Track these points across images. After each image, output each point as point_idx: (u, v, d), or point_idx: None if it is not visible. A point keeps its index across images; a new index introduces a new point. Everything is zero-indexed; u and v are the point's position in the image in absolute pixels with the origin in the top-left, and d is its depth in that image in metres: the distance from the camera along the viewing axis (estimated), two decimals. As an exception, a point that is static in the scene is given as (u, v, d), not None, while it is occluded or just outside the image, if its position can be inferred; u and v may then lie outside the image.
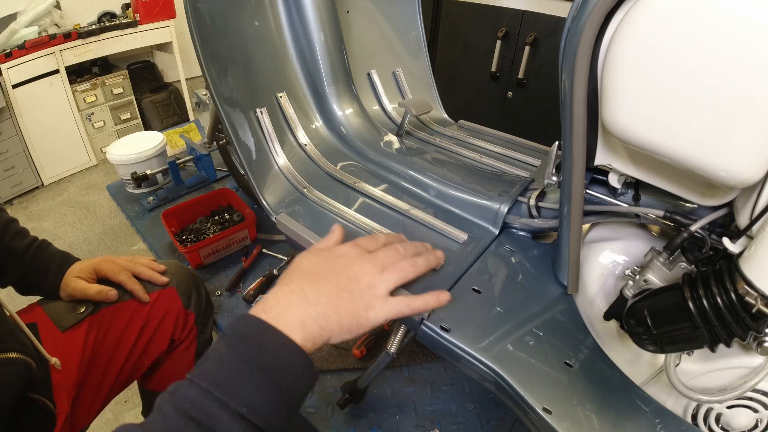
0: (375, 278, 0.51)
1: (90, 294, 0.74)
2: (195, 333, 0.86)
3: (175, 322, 0.81)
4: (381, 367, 0.85)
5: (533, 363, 0.62)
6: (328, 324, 0.46)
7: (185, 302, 0.83)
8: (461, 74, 2.12)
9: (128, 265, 0.80)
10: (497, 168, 1.02)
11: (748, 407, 0.61)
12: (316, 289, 0.47)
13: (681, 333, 0.54)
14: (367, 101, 1.18)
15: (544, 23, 1.72)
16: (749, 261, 0.46)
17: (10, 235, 0.75)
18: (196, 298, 0.86)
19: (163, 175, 1.62)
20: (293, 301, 0.45)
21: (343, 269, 0.51)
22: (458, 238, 0.82)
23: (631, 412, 0.57)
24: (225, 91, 0.88)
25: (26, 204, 2.46)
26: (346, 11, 1.14)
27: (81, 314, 0.73)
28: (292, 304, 0.45)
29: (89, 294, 0.74)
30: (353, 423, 0.91)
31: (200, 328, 0.88)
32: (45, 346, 0.67)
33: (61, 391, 0.67)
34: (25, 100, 2.35)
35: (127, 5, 2.80)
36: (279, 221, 0.87)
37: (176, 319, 0.82)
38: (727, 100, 0.42)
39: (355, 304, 0.48)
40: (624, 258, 0.72)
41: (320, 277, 0.49)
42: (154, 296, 0.80)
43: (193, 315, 0.85)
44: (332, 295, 0.47)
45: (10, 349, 0.58)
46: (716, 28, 0.40)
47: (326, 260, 0.52)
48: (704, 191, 0.57)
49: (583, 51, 0.50)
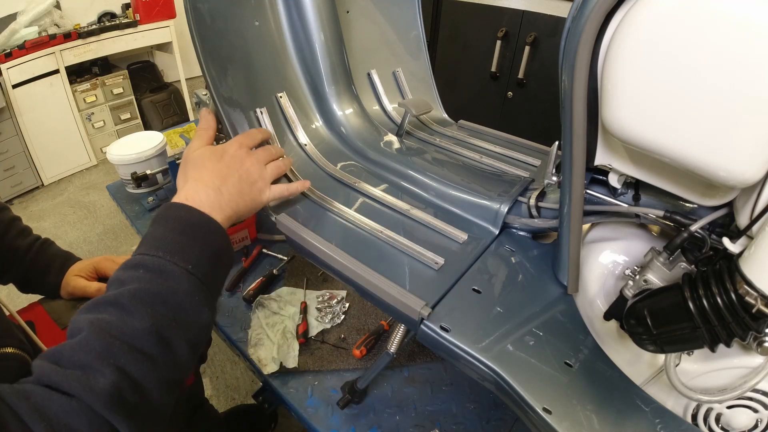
0: (262, 172, 0.68)
1: (90, 292, 0.75)
2: None
3: None
4: (381, 367, 0.85)
5: (533, 363, 0.62)
6: (237, 206, 0.61)
7: None
8: (461, 74, 2.12)
9: None
10: (497, 168, 1.02)
11: (748, 407, 0.61)
12: (222, 181, 0.61)
13: (681, 333, 0.54)
14: (367, 101, 1.18)
15: (544, 23, 1.72)
16: (749, 261, 0.46)
17: (13, 233, 0.75)
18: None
19: (163, 175, 1.62)
20: (210, 192, 0.58)
21: (238, 165, 0.65)
22: (458, 238, 0.82)
23: (631, 412, 0.57)
24: (225, 91, 0.88)
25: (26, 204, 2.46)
26: (346, 11, 1.14)
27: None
28: (209, 195, 0.58)
29: (89, 292, 0.75)
30: (353, 423, 0.91)
31: None
32: (46, 344, 0.67)
33: None
34: (25, 100, 2.35)
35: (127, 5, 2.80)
36: (279, 221, 0.87)
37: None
38: (727, 100, 0.42)
39: (252, 188, 0.65)
40: (624, 258, 0.72)
41: (223, 171, 0.62)
42: None
43: None
44: (236, 184, 0.62)
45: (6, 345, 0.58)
46: (716, 28, 0.40)
47: (222, 158, 0.64)
48: (704, 191, 0.57)
49: (583, 51, 0.50)
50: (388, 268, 0.75)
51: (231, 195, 0.60)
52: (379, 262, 0.77)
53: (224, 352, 1.51)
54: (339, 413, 0.92)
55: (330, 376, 0.99)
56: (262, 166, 0.69)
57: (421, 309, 0.68)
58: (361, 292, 0.79)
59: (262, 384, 1.03)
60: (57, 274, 0.76)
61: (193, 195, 0.56)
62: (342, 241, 0.81)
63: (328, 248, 0.79)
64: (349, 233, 0.84)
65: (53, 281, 0.76)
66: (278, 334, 1.05)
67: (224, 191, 0.60)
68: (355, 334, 1.08)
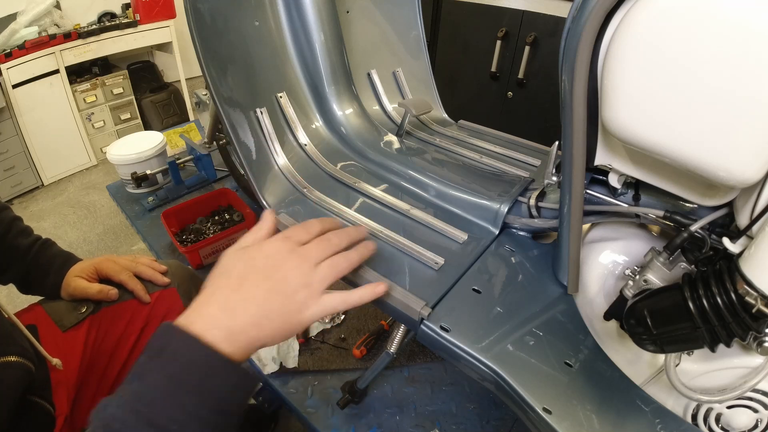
0: (308, 277, 0.48)
1: (90, 293, 0.74)
2: None
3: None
4: (381, 367, 0.85)
5: (533, 363, 0.62)
6: (261, 332, 0.44)
7: (186, 303, 0.83)
8: (461, 74, 2.12)
9: (129, 265, 0.80)
10: (497, 168, 1.02)
11: (748, 407, 0.61)
12: (242, 297, 0.45)
13: (681, 333, 0.54)
14: (367, 101, 1.18)
15: (544, 23, 1.72)
16: (749, 261, 0.46)
17: (13, 233, 0.75)
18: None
19: (163, 175, 1.62)
20: (217, 312, 0.43)
21: (272, 270, 0.47)
22: (458, 238, 0.82)
23: (631, 412, 0.57)
24: (225, 91, 0.88)
25: (26, 204, 2.46)
26: (346, 11, 1.14)
27: (82, 314, 0.73)
28: (217, 316, 0.43)
29: (90, 293, 0.74)
30: (353, 423, 0.91)
31: None
32: (45, 346, 0.67)
33: (61, 392, 0.67)
34: (25, 100, 2.35)
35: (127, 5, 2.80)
36: (279, 221, 0.87)
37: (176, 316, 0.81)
38: (727, 100, 0.42)
39: (288, 307, 0.46)
40: (624, 258, 0.72)
41: (247, 283, 0.46)
42: (155, 296, 0.80)
43: None
44: (261, 301, 0.45)
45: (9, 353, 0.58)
46: (716, 28, 0.40)
47: (253, 261, 0.48)
48: (704, 191, 0.57)
49: (583, 51, 0.50)
50: (388, 268, 0.75)
51: (252, 316, 0.44)
52: (378, 261, 0.76)
53: (224, 352, 1.51)
54: (339, 413, 0.92)
55: (330, 376, 0.99)
56: (312, 267, 0.49)
57: (421, 309, 0.68)
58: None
59: (262, 384, 1.03)
60: (57, 275, 0.75)
61: (196, 317, 0.43)
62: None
63: (328, 248, 0.79)
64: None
65: (53, 282, 0.75)
66: (278, 334, 1.05)
67: (241, 311, 0.44)
68: (355, 334, 1.08)
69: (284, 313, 0.46)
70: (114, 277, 0.78)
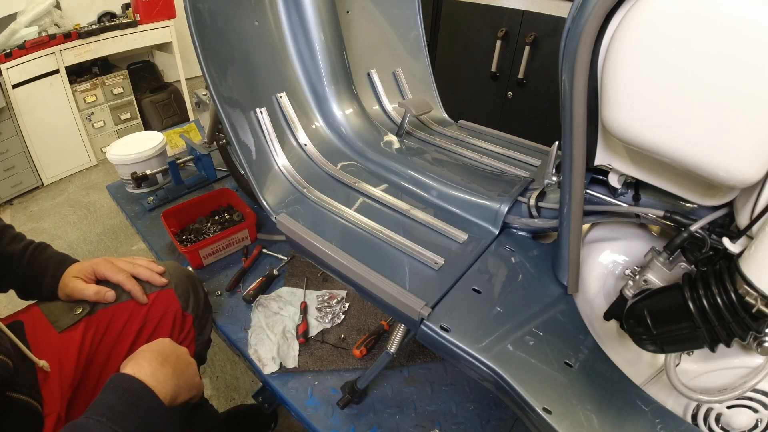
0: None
1: (87, 294, 0.74)
2: (193, 335, 0.86)
3: (173, 323, 0.81)
4: (381, 367, 0.85)
5: (533, 363, 0.62)
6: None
7: (183, 304, 0.83)
8: (461, 74, 2.12)
9: (127, 266, 0.80)
10: (497, 168, 1.02)
11: (748, 407, 0.61)
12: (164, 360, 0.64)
13: (681, 333, 0.54)
14: (367, 101, 1.18)
15: (544, 23, 1.72)
16: (749, 261, 0.46)
17: (6, 240, 0.75)
18: (194, 300, 0.86)
19: (163, 175, 1.62)
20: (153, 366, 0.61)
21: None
22: (458, 238, 0.82)
23: (631, 412, 0.57)
24: (225, 91, 0.88)
25: (26, 204, 2.46)
26: (346, 11, 1.14)
27: (78, 315, 0.73)
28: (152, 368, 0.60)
29: (86, 294, 0.74)
30: (353, 423, 0.91)
31: (198, 330, 0.87)
32: (40, 346, 0.66)
33: (53, 392, 0.66)
34: (25, 100, 2.35)
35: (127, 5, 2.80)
36: (279, 221, 0.87)
37: (174, 320, 0.81)
38: (726, 100, 0.42)
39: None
40: (624, 258, 0.72)
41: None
42: (152, 297, 0.80)
43: (191, 317, 0.85)
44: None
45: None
46: (716, 28, 0.40)
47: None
48: (704, 191, 0.57)
49: (583, 51, 0.50)
50: (388, 268, 0.75)
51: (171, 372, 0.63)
52: (379, 262, 0.76)
53: (224, 352, 1.51)
54: (339, 413, 0.92)
55: (330, 376, 0.99)
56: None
57: (421, 309, 0.68)
58: (361, 292, 0.79)
59: (262, 384, 1.03)
60: (53, 277, 0.75)
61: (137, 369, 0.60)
62: (342, 241, 0.81)
63: (328, 248, 0.79)
64: (349, 233, 0.84)
65: (49, 285, 0.75)
66: (278, 334, 1.05)
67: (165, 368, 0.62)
68: (355, 334, 1.08)
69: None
70: (111, 278, 0.78)
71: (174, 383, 0.62)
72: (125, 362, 0.62)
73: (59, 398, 0.66)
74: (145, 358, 0.62)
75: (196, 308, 0.87)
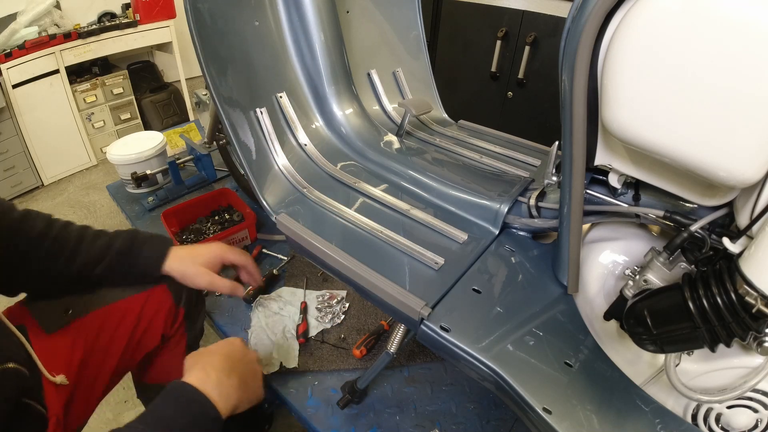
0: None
1: (224, 290, 0.75)
2: (184, 328, 0.86)
3: (165, 318, 0.81)
4: (381, 367, 0.85)
5: (533, 363, 0.62)
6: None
7: (176, 298, 0.83)
8: (461, 74, 2.12)
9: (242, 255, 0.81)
10: (497, 168, 1.02)
11: (748, 407, 0.61)
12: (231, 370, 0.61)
13: (681, 333, 0.54)
14: (367, 101, 1.18)
15: (544, 23, 1.72)
16: (749, 261, 0.46)
17: (89, 237, 0.75)
18: (186, 294, 0.86)
19: (163, 175, 1.62)
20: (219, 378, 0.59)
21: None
22: (458, 238, 0.82)
23: (631, 412, 0.57)
24: (225, 91, 0.88)
25: (26, 204, 2.46)
26: (346, 11, 1.14)
27: (68, 317, 0.73)
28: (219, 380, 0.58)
29: (223, 290, 0.75)
30: (353, 423, 0.91)
31: (189, 324, 0.87)
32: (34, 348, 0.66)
33: (53, 395, 0.66)
34: (25, 100, 2.35)
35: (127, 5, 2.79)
36: (279, 221, 0.87)
37: (166, 316, 0.81)
38: (726, 100, 0.42)
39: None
40: (624, 258, 0.72)
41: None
42: (145, 295, 0.79)
43: (183, 310, 0.85)
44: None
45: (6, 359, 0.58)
46: (715, 29, 0.40)
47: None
48: (704, 191, 0.57)
49: (583, 51, 0.50)
50: (388, 268, 0.75)
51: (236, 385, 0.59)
52: (379, 262, 0.76)
53: (224, 352, 1.51)
54: (339, 413, 0.92)
55: (330, 376, 0.99)
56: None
57: (421, 309, 0.68)
58: (361, 292, 0.79)
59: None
60: (158, 259, 0.74)
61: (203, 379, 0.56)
62: (342, 241, 0.81)
63: (328, 248, 0.79)
64: (349, 233, 0.84)
65: (153, 265, 0.74)
66: (278, 334, 1.05)
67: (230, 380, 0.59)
68: (355, 334, 1.08)
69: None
70: (237, 260, 0.78)
71: (237, 397, 0.58)
72: (190, 363, 0.59)
73: (56, 401, 0.67)
74: (212, 365, 0.58)
75: (188, 302, 0.86)
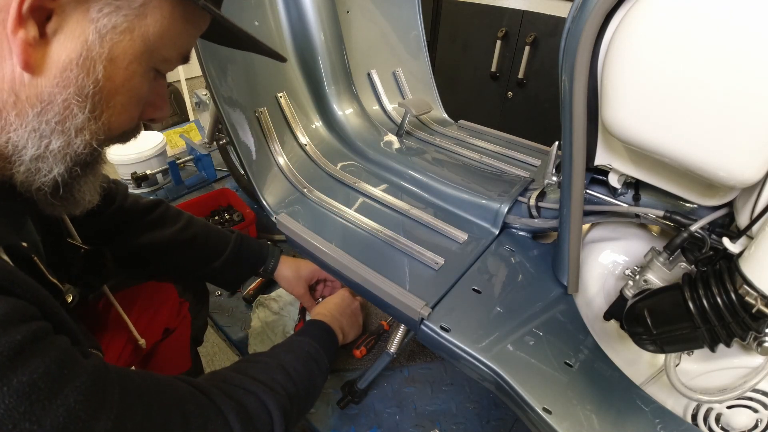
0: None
1: (306, 304, 0.92)
2: (189, 320, 0.86)
3: (169, 311, 0.82)
4: (381, 367, 0.85)
5: (533, 363, 0.62)
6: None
7: (179, 291, 0.84)
8: (461, 74, 2.12)
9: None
10: (497, 168, 1.02)
11: (748, 407, 0.61)
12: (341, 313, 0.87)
13: (681, 333, 0.54)
14: (367, 101, 1.18)
15: (544, 23, 1.72)
16: (749, 261, 0.46)
17: (214, 232, 0.83)
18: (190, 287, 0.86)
19: (163, 175, 1.62)
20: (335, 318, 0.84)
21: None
22: (458, 238, 0.82)
23: (631, 412, 0.57)
24: (225, 91, 0.88)
25: (26, 204, 2.46)
26: (346, 11, 1.14)
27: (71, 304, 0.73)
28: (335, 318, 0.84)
29: (306, 303, 0.93)
30: (353, 423, 0.91)
31: (194, 314, 0.88)
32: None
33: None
34: (25, 100, 2.35)
35: (127, 5, 2.80)
36: (279, 221, 0.87)
37: (170, 309, 0.82)
38: (726, 100, 0.42)
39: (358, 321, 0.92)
40: (624, 258, 0.72)
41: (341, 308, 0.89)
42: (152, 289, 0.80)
43: (187, 303, 0.85)
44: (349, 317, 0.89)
45: (93, 345, 0.59)
46: (715, 29, 0.40)
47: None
48: (704, 191, 0.57)
49: (583, 51, 0.50)
50: (388, 268, 0.75)
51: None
52: (379, 262, 0.77)
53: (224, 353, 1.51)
54: (339, 413, 0.92)
55: (330, 376, 0.99)
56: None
57: (421, 309, 0.68)
58: (361, 292, 0.79)
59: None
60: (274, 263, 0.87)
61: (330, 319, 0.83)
62: (342, 241, 0.81)
63: (328, 248, 0.79)
64: (349, 233, 0.84)
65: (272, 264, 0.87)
66: (278, 334, 1.05)
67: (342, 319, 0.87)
68: (355, 334, 1.08)
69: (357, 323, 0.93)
70: (336, 282, 0.96)
71: (345, 330, 0.85)
72: (316, 310, 0.85)
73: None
74: (329, 309, 0.84)
75: (192, 294, 0.87)
